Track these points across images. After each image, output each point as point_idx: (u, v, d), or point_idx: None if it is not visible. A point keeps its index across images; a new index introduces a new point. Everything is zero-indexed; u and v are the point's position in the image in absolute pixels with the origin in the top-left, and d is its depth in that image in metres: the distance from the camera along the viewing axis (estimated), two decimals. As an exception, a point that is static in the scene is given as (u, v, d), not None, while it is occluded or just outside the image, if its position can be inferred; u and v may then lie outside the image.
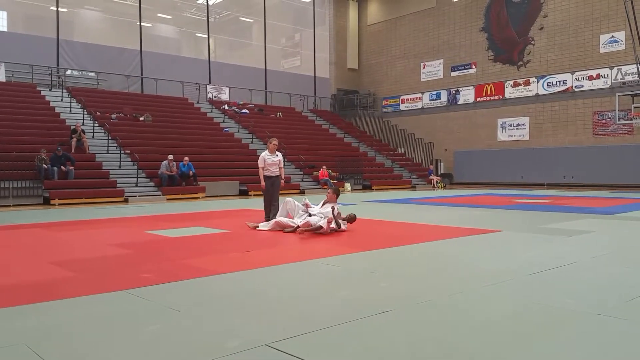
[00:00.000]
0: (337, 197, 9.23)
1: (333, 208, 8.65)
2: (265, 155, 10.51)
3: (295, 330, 3.49)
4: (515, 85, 28.55)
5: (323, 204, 9.01)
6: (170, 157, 19.50)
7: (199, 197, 19.43)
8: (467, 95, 30.73)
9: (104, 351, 3.18)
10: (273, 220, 9.14)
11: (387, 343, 3.29)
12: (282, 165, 10.72)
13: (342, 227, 8.60)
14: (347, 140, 31.35)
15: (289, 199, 9.47)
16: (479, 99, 30.16)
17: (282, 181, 10.68)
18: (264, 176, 10.40)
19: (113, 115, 23.18)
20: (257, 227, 9.14)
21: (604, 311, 3.94)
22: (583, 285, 4.89)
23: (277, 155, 10.60)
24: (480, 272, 5.41)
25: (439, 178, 27.85)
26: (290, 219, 8.95)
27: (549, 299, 4.29)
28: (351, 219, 8.88)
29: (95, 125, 21.57)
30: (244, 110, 29.28)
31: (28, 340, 3.35)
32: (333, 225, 8.47)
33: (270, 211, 10.27)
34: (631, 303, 4.17)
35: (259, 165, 10.49)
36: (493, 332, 3.53)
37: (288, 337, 3.34)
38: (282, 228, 8.80)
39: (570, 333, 3.51)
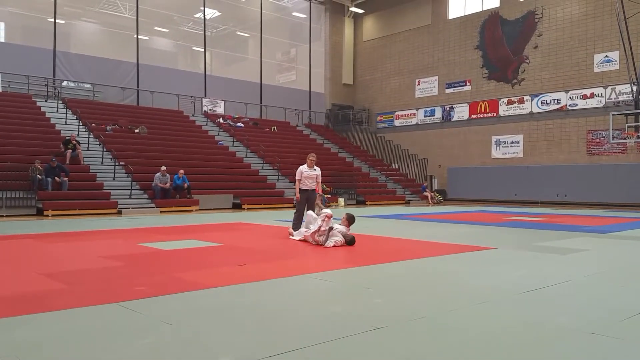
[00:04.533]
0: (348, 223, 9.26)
1: (332, 228, 8.80)
2: (302, 168, 10.68)
3: (288, 345, 3.47)
4: (510, 103, 28.72)
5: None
6: (163, 168, 19.46)
7: (192, 210, 19.38)
8: (461, 112, 30.88)
9: (95, 365, 3.15)
10: (302, 231, 9.45)
11: (381, 360, 3.27)
12: (320, 180, 10.87)
13: (329, 244, 8.65)
14: (341, 155, 31.40)
15: (309, 212, 9.69)
16: (473, 116, 30.32)
17: (318, 195, 10.79)
18: (300, 189, 10.58)
19: (108, 127, 23.16)
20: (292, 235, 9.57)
21: (598, 330, 3.93)
22: (577, 303, 4.89)
23: (314, 170, 10.72)
24: (473, 290, 5.40)
25: (433, 193, 27.89)
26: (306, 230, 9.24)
27: (543, 317, 4.29)
28: (350, 241, 8.80)
29: (90, 136, 21.54)
30: (238, 124, 29.33)
31: (19, 352, 3.32)
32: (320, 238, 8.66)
33: (300, 224, 10.40)
34: (625, 322, 4.17)
35: (296, 178, 10.72)
36: (487, 349, 3.52)
37: (281, 353, 3.32)
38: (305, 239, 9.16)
39: (564, 351, 3.50)
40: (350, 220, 9.18)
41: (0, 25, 26.94)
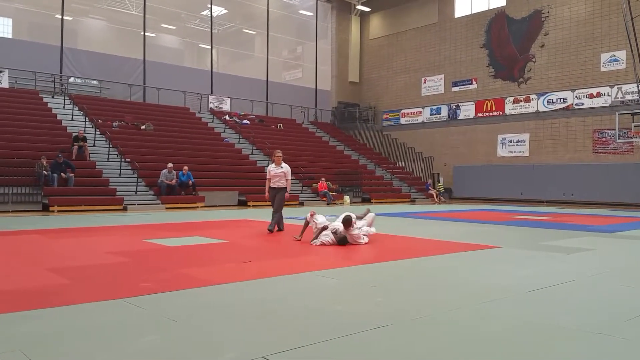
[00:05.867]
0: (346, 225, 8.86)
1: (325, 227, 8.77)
2: (270, 167, 10.70)
3: (293, 343, 3.48)
4: (516, 101, 28.64)
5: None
6: (170, 165, 19.51)
7: (198, 207, 19.42)
8: (467, 110, 30.81)
9: (100, 360, 3.17)
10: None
11: (384, 358, 3.27)
12: (290, 178, 10.73)
13: (315, 242, 8.65)
14: (347, 152, 31.39)
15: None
16: (479, 115, 30.24)
17: (287, 194, 10.65)
18: (270, 187, 10.61)
19: (114, 124, 23.22)
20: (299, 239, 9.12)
21: (602, 330, 3.92)
22: (582, 303, 4.88)
23: (281, 167, 10.61)
24: (478, 288, 5.40)
25: (436, 191, 27.85)
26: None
27: (548, 317, 4.28)
28: (340, 240, 8.60)
29: (96, 133, 21.61)
30: (244, 121, 29.35)
31: (23, 346, 3.34)
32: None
33: (275, 221, 10.43)
34: (630, 322, 4.16)
35: (266, 177, 10.72)
36: (491, 349, 3.52)
37: (285, 350, 3.33)
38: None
39: (569, 351, 3.49)
40: (344, 223, 8.63)
41: (7, 21, 27.02)
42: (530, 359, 3.33)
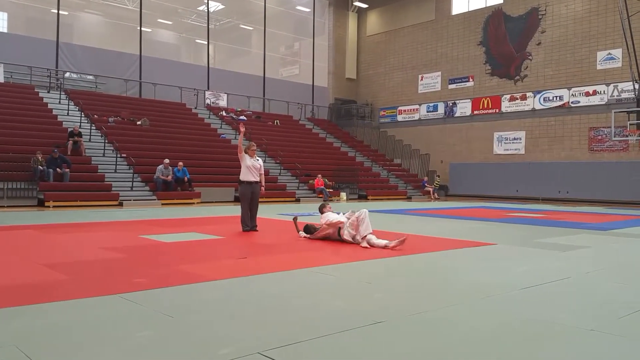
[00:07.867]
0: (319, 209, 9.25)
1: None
2: (246, 160, 10.01)
3: (289, 338, 3.48)
4: (512, 99, 28.68)
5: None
6: (167, 161, 19.48)
7: (194, 203, 19.40)
8: (464, 108, 30.84)
9: (95, 355, 3.16)
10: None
11: (379, 354, 3.28)
12: (263, 172, 10.29)
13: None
14: (343, 149, 31.39)
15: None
16: (475, 112, 30.28)
17: (263, 188, 10.27)
18: (244, 182, 9.95)
19: (110, 119, 23.15)
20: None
21: (597, 327, 3.94)
22: (576, 300, 4.89)
23: (257, 160, 10.17)
24: (473, 285, 5.41)
25: (433, 186, 27.94)
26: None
27: (542, 314, 4.29)
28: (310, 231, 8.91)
29: (92, 128, 21.55)
30: (241, 117, 29.30)
31: (18, 341, 3.33)
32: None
33: (249, 219, 9.99)
34: (625, 319, 4.17)
35: (240, 156, 9.99)
36: (485, 345, 3.53)
37: (281, 346, 3.33)
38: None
39: (563, 348, 3.50)
40: (319, 209, 9.36)
41: (3, 15, 26.94)
42: (524, 355, 3.34)
